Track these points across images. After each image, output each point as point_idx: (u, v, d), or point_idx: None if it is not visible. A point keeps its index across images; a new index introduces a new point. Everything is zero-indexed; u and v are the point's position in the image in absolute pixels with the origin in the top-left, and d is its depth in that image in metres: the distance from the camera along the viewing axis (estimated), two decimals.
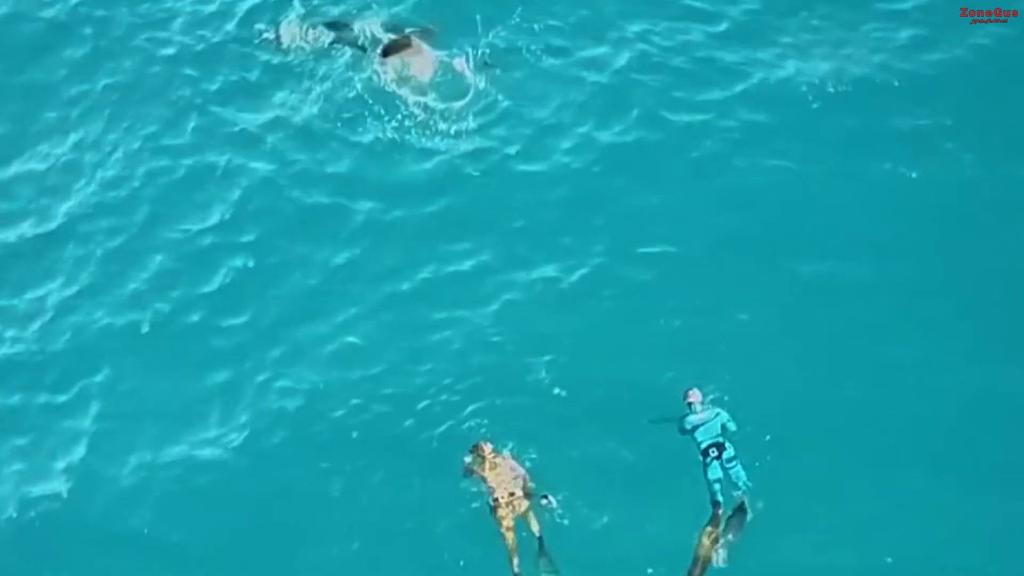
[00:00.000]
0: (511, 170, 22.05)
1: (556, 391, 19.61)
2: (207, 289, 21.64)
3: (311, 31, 24.44)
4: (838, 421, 18.75)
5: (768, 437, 18.59)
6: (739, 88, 22.19)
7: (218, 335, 21.05)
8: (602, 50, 23.25)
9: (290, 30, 24.64)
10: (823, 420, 18.79)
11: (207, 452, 19.97)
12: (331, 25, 24.49)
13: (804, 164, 21.11)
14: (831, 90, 21.76)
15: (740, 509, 18.15)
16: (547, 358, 19.90)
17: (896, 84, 21.74)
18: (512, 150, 22.30)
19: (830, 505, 18.14)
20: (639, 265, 20.59)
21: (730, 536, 18.05)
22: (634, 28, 23.28)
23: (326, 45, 24.20)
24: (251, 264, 21.80)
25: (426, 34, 23.83)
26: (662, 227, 20.92)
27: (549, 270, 20.82)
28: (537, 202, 21.60)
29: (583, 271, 20.75)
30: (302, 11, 24.70)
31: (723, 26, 23.02)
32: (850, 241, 20.22)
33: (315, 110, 23.49)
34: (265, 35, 24.67)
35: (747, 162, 21.33)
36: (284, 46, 24.45)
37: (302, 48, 24.32)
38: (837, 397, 18.95)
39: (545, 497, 18.37)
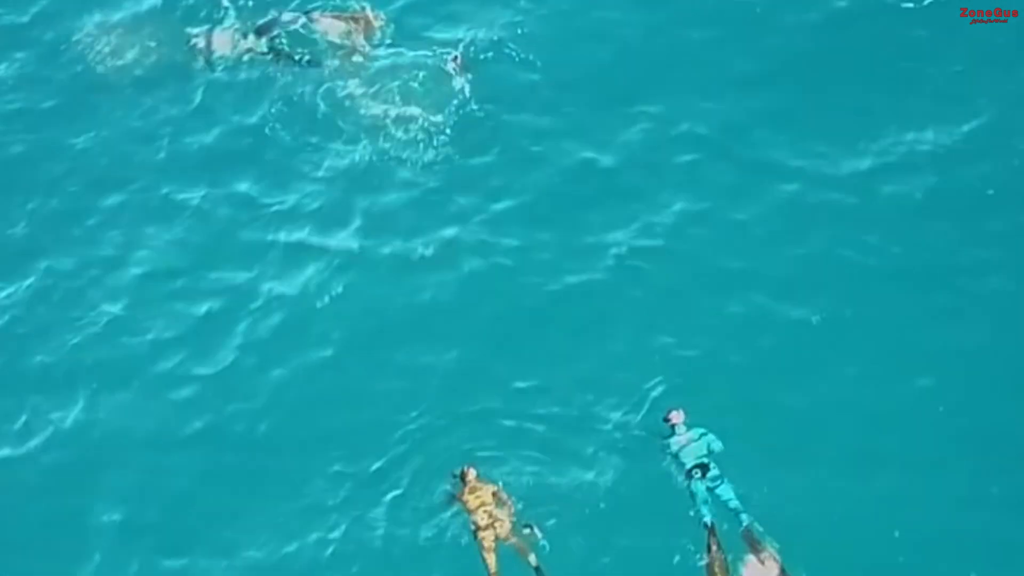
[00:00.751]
0: (500, 204, 21.28)
1: (550, 427, 19.25)
2: (169, 337, 20.79)
3: (247, 38, 23.49)
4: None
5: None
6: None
7: (185, 386, 20.22)
8: (601, 58, 22.55)
9: (223, 37, 23.58)
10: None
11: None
12: (264, 29, 23.52)
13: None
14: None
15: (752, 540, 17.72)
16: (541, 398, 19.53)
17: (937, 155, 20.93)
18: (498, 181, 21.50)
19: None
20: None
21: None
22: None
23: (266, 53, 23.28)
24: (210, 310, 20.93)
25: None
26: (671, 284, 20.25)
27: (540, 310, 20.30)
28: (529, 241, 20.85)
29: (578, 313, 20.19)
30: (235, 16, 23.73)
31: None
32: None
33: (271, 131, 22.55)
34: (195, 41, 23.63)
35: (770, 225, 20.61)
36: (217, 56, 23.43)
37: (240, 58, 23.35)
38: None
39: (530, 527, 18.08)
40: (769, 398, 18.84)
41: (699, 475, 18.04)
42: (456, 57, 22.45)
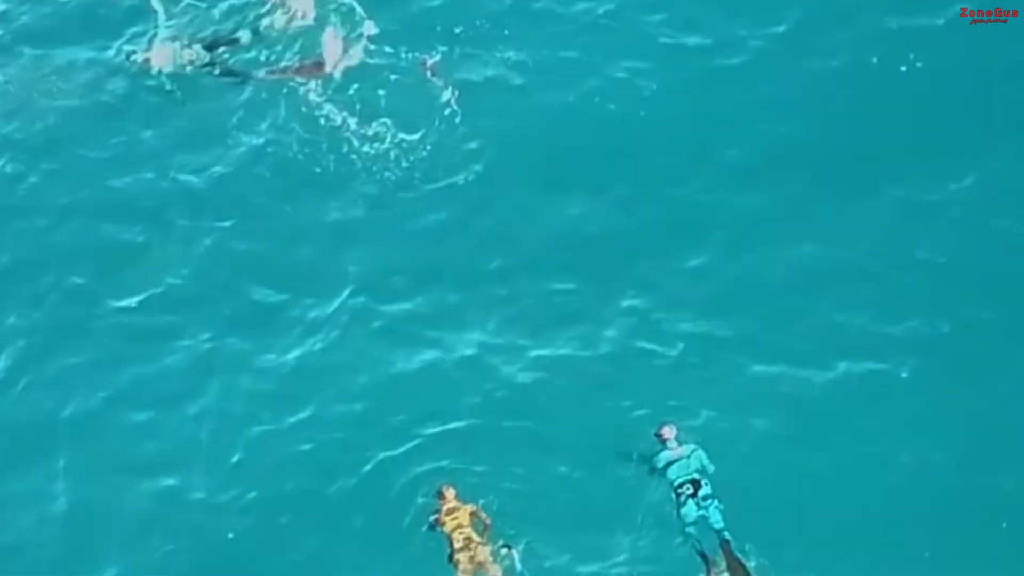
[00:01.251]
0: (483, 226, 20.10)
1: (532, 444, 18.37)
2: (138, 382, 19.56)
3: (187, 50, 22.34)
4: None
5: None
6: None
7: (150, 438, 19.05)
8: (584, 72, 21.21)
9: (162, 52, 22.40)
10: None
11: None
12: (213, 44, 22.37)
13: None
14: None
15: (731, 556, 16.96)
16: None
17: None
18: (487, 221, 20.13)
19: None
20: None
21: None
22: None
23: (211, 66, 22.12)
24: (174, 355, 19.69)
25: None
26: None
27: (525, 342, 19.23)
28: (512, 261, 19.74)
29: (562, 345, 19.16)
30: (169, 29, 22.60)
31: None
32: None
33: (228, 154, 21.25)
34: (134, 58, 22.50)
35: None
36: (159, 71, 22.24)
37: (183, 74, 22.16)
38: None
39: (507, 547, 17.39)
40: (779, 464, 17.85)
41: (690, 491, 17.34)
42: (426, 61, 21.37)
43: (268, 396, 19.19)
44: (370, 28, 21.77)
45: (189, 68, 22.29)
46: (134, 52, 22.62)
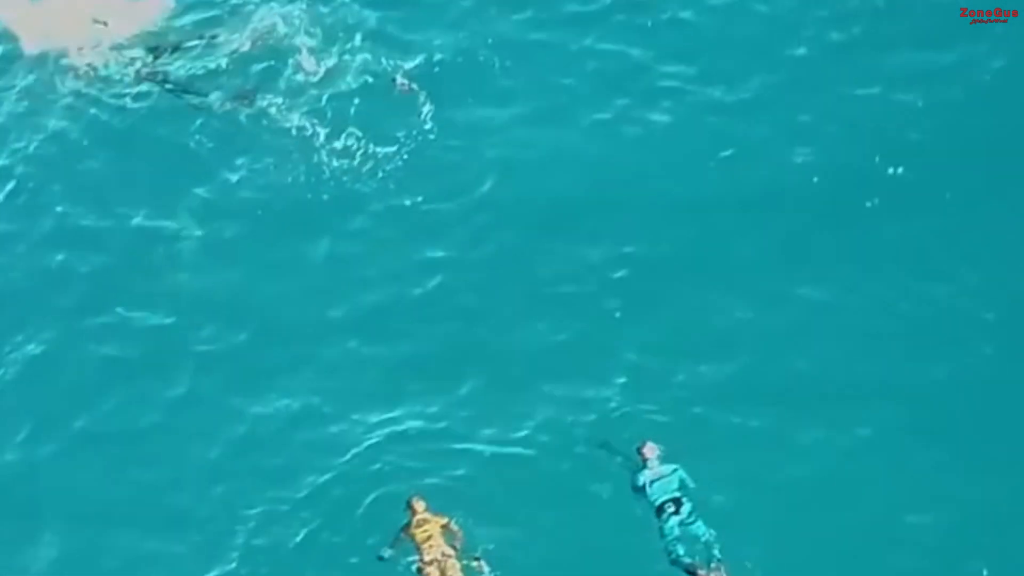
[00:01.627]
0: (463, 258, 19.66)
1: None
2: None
3: (127, 53, 22.02)
4: None
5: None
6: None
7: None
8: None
9: (102, 55, 22.04)
10: None
11: None
12: (156, 48, 22.10)
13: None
14: None
15: None
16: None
17: None
18: (469, 245, 19.75)
19: None
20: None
21: None
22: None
23: (171, 83, 21.67)
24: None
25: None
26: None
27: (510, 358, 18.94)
28: (499, 298, 19.29)
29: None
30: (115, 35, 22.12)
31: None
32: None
33: (201, 177, 20.74)
34: (85, 70, 22.02)
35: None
36: (103, 73, 21.84)
37: (144, 92, 21.69)
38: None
39: (478, 559, 17.13)
40: (783, 509, 17.49)
41: (672, 510, 17.22)
42: (398, 77, 20.99)
43: (245, 433, 18.87)
44: (352, 40, 21.53)
45: (145, 84, 21.81)
46: (77, 68, 22.12)
